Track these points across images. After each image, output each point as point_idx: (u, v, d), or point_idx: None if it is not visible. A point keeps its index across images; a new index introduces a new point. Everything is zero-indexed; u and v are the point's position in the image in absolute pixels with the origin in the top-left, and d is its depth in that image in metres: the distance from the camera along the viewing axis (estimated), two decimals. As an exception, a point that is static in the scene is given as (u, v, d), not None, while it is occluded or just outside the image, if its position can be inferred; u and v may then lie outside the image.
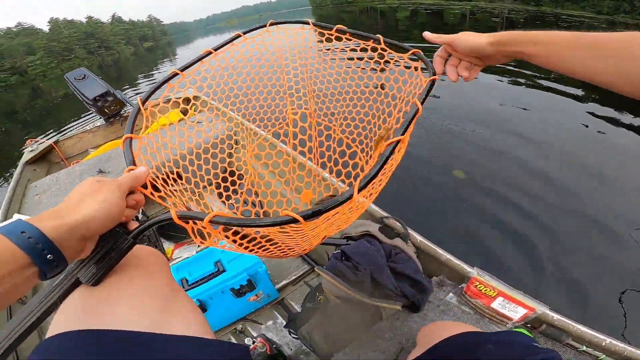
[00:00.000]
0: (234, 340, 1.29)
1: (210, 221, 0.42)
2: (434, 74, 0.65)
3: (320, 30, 0.87)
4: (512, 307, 1.08)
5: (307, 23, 0.87)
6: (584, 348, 1.02)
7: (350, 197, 0.42)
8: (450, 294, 1.23)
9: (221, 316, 1.29)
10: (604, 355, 1.00)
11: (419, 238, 1.30)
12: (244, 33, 0.85)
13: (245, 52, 0.89)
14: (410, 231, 1.32)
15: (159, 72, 14.37)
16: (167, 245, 1.81)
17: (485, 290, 1.10)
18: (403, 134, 0.49)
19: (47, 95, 17.85)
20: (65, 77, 3.35)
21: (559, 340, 1.06)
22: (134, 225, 0.48)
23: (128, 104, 3.43)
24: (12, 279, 0.34)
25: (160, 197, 0.55)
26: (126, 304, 0.42)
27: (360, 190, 0.43)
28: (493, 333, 0.67)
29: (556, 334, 1.05)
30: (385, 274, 1.06)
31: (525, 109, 4.31)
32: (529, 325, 1.12)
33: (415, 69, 0.72)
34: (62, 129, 7.41)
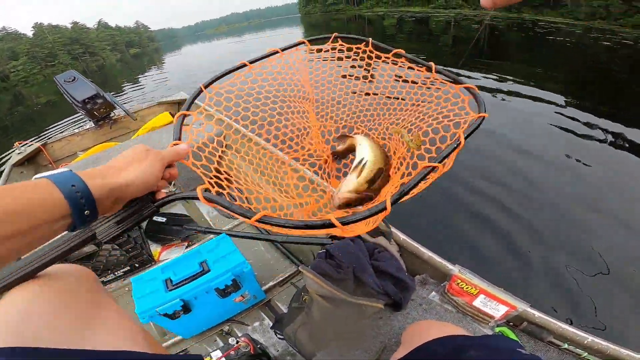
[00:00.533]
0: (219, 342, 1.29)
1: (258, 220, 0.45)
2: (484, 111, 0.62)
3: (377, 53, 0.86)
4: (494, 305, 1.09)
5: (367, 42, 0.86)
6: (566, 346, 1.03)
7: (384, 209, 0.46)
8: (433, 292, 1.24)
9: (207, 317, 1.28)
10: (586, 353, 1.01)
11: (402, 236, 1.32)
12: (310, 42, 0.86)
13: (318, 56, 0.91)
14: (394, 229, 1.33)
15: (145, 78, 14.19)
16: (155, 247, 1.80)
17: (467, 288, 1.12)
18: (440, 162, 0.51)
19: (28, 102, 17.49)
20: (55, 79, 3.33)
21: (540, 339, 1.08)
22: (161, 195, 0.53)
23: (118, 107, 3.39)
24: (47, 227, 0.36)
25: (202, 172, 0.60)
26: (41, 319, 0.39)
27: (392, 204, 0.47)
28: (479, 337, 0.68)
29: (537, 332, 1.07)
30: (367, 272, 1.07)
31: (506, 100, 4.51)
32: (510, 323, 1.13)
33: (463, 100, 0.70)
34: (42, 134, 7.29)
